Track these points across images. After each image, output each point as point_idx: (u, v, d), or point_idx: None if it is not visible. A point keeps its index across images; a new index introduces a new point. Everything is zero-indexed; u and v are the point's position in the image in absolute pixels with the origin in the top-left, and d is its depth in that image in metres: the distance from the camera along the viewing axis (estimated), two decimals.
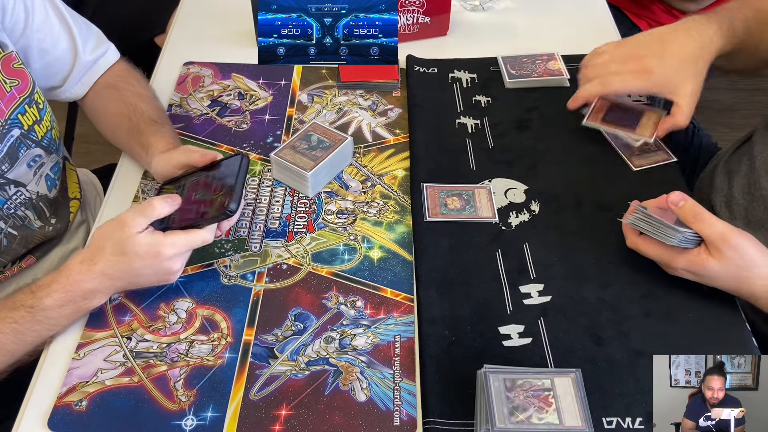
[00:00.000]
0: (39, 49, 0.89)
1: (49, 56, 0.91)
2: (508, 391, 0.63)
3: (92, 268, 0.71)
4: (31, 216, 0.87)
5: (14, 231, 0.85)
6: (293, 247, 0.83)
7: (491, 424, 0.61)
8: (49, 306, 0.70)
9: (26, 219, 0.87)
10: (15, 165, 0.83)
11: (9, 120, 0.81)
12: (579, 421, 0.61)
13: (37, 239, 0.90)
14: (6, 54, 0.82)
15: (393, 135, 0.98)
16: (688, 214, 0.72)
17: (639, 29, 1.51)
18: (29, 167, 0.85)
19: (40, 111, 0.86)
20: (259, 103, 1.03)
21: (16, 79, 0.82)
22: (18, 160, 0.83)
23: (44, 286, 0.71)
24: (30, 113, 0.84)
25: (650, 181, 0.88)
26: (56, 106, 0.96)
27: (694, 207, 0.72)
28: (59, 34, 0.91)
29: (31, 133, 0.85)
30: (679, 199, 0.73)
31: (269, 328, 0.75)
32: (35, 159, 0.86)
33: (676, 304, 0.76)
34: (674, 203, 0.73)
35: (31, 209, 0.87)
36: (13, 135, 0.82)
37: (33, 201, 0.87)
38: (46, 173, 0.88)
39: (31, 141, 0.85)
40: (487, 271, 0.80)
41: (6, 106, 0.81)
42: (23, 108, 0.83)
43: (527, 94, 1.03)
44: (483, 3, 1.21)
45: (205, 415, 0.68)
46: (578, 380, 0.64)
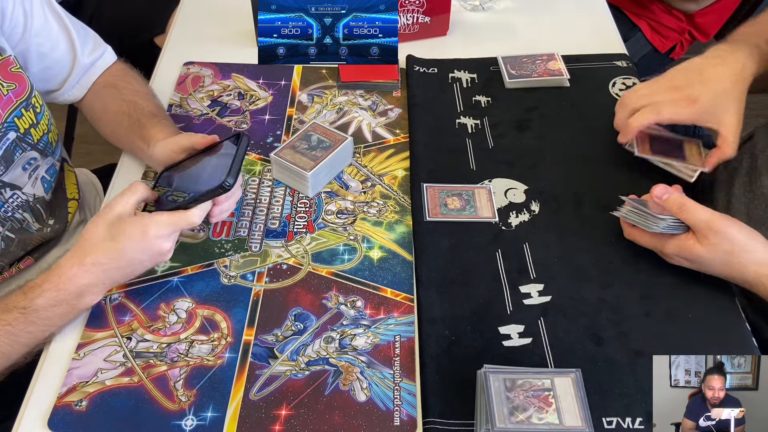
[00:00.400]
0: (38, 53, 0.89)
1: (48, 60, 0.91)
2: (508, 391, 0.63)
3: (83, 261, 0.70)
4: (29, 218, 0.87)
5: (12, 234, 0.85)
6: (293, 247, 0.83)
7: (491, 424, 0.61)
8: (41, 306, 0.70)
9: (24, 222, 0.87)
10: (10, 168, 0.83)
11: (5, 123, 0.81)
12: (579, 421, 0.61)
13: (36, 241, 0.90)
14: (4, 58, 0.82)
15: (393, 135, 0.98)
16: (674, 206, 0.74)
17: (639, 29, 1.51)
18: (24, 170, 0.85)
19: (37, 115, 0.86)
20: (259, 103, 1.03)
21: (13, 83, 0.82)
22: (13, 163, 0.83)
23: (36, 286, 0.70)
24: (26, 117, 0.84)
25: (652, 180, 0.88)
26: (56, 107, 0.96)
27: (678, 198, 0.74)
28: (58, 37, 0.91)
29: (27, 137, 0.85)
30: (662, 192, 0.75)
31: (269, 328, 0.75)
32: (30, 162, 0.86)
33: (676, 304, 0.76)
34: (658, 197, 0.76)
35: (28, 212, 0.87)
36: (8, 138, 0.82)
37: (30, 203, 0.87)
38: (41, 176, 0.88)
39: (27, 144, 0.85)
40: (487, 271, 0.80)
41: (3, 109, 0.81)
42: (20, 111, 0.83)
43: (527, 94, 1.03)
44: (483, 3, 1.21)
45: (205, 415, 0.68)
46: (578, 380, 0.64)
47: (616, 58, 1.09)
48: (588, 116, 0.99)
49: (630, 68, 1.07)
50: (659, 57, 1.56)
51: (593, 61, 1.08)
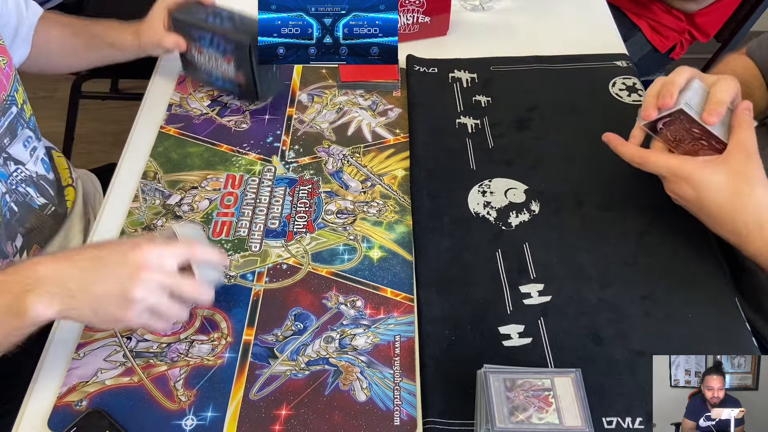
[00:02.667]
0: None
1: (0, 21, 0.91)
2: (508, 391, 0.63)
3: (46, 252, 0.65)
4: (33, 193, 0.87)
5: (15, 207, 0.85)
6: (293, 247, 0.83)
7: (491, 424, 0.61)
8: None
9: (28, 196, 0.87)
10: (14, 142, 0.83)
11: (9, 96, 0.81)
12: (579, 421, 0.61)
13: (34, 221, 0.89)
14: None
15: (393, 135, 0.98)
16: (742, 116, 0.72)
17: (638, 29, 1.51)
18: (24, 147, 0.86)
19: (24, 92, 0.87)
20: (259, 103, 1.03)
21: (5, 57, 0.82)
22: (17, 137, 0.84)
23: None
24: (21, 92, 0.85)
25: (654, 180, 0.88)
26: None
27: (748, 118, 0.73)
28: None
29: (22, 113, 0.86)
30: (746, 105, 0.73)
31: (269, 328, 0.75)
32: (28, 140, 0.87)
33: (676, 304, 0.76)
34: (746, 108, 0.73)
35: (32, 186, 0.87)
36: (12, 112, 0.82)
37: (33, 179, 0.87)
38: (41, 157, 0.89)
39: (24, 121, 0.86)
40: (487, 271, 0.80)
41: (6, 80, 0.81)
42: (16, 86, 0.84)
43: (527, 94, 1.03)
44: (483, 3, 1.21)
45: (205, 415, 0.68)
46: (578, 380, 0.64)
47: (616, 58, 1.09)
48: (588, 116, 0.99)
49: (630, 68, 1.07)
50: (659, 57, 1.56)
51: (593, 61, 1.08)
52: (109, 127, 1.83)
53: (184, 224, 0.79)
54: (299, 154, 0.95)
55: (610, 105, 1.01)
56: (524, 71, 1.07)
